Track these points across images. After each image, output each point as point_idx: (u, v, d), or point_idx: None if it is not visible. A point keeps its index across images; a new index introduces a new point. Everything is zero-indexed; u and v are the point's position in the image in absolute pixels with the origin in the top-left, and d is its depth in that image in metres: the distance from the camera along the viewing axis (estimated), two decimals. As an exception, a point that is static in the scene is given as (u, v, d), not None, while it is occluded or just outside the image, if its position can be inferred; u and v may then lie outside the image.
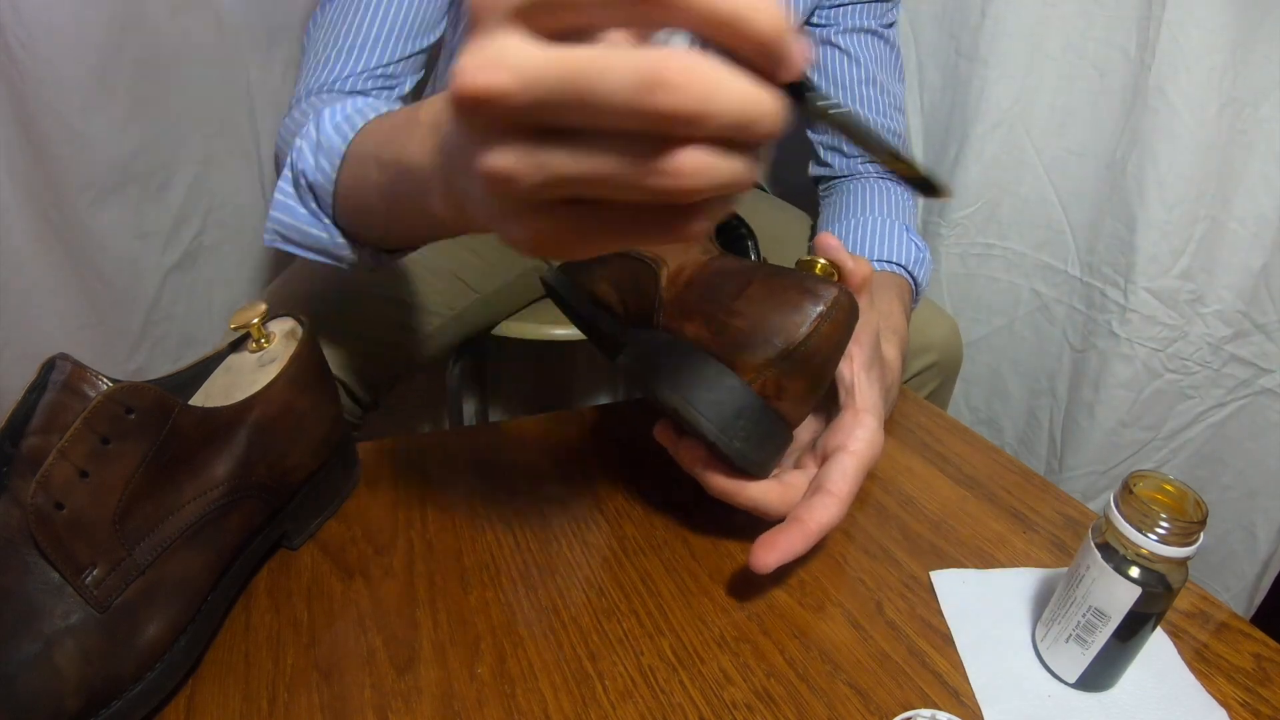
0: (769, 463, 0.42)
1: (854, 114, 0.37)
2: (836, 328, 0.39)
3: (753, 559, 0.39)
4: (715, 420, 0.39)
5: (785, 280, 0.40)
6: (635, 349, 0.44)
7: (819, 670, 0.38)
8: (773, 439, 0.41)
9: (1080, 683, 0.37)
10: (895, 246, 0.66)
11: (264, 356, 0.44)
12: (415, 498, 0.49)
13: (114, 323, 0.80)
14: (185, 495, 0.36)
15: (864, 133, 0.24)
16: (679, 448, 0.43)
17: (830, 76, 0.75)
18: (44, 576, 0.32)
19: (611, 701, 0.36)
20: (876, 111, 0.74)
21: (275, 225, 0.45)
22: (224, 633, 0.39)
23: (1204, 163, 0.76)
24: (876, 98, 0.74)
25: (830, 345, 0.40)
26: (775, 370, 0.39)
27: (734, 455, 0.39)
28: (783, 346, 0.39)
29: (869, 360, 0.44)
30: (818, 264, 0.42)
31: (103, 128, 0.73)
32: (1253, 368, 0.82)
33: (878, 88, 0.74)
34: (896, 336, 0.54)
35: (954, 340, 0.72)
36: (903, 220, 0.69)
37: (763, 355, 0.39)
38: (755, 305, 0.40)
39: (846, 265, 0.42)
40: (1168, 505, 0.34)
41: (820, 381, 0.41)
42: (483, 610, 0.41)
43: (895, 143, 0.75)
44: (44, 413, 0.33)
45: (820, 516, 0.40)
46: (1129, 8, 0.77)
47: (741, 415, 0.39)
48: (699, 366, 0.40)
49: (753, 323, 0.39)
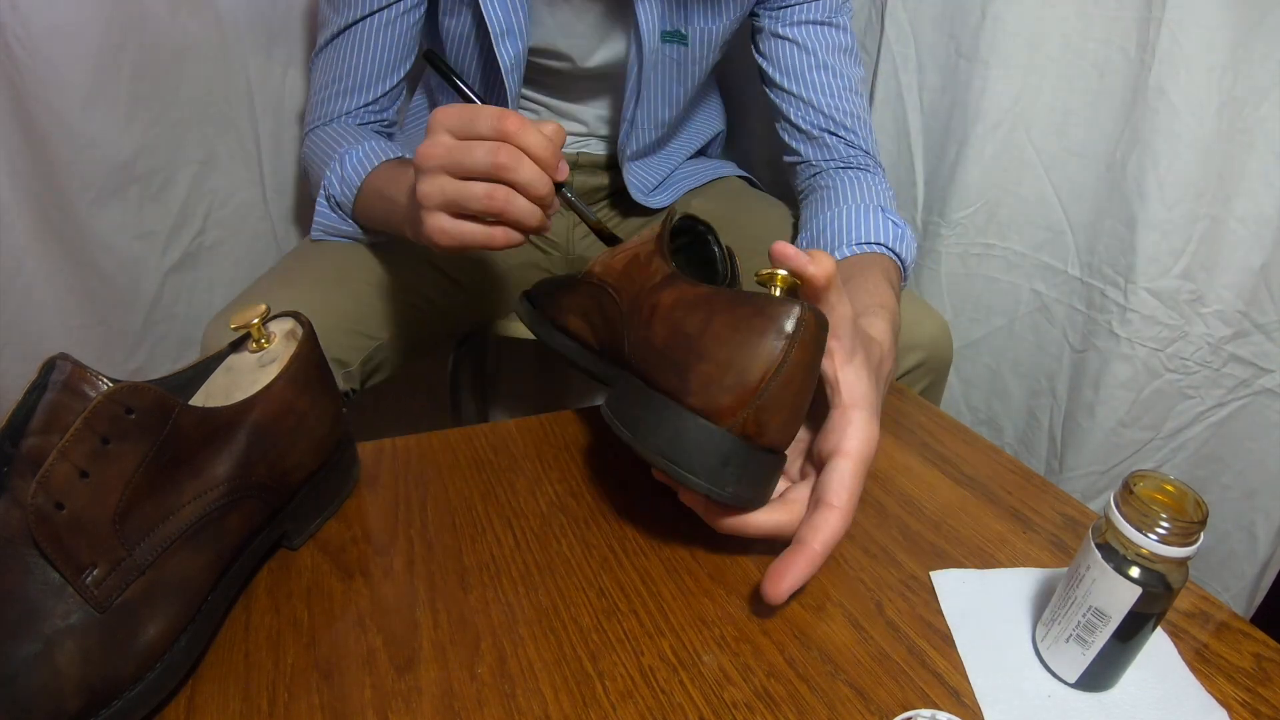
0: (766, 493, 0.41)
1: (574, 199, 0.52)
2: (806, 349, 0.38)
3: (765, 590, 0.39)
4: (703, 475, 0.38)
5: (746, 309, 0.39)
6: (614, 402, 0.44)
7: (819, 670, 0.38)
8: (764, 473, 0.40)
9: (1080, 683, 0.37)
10: (872, 228, 0.66)
11: (264, 356, 0.44)
12: (415, 498, 0.49)
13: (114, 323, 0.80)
14: (185, 495, 0.36)
15: (579, 210, 0.53)
16: (681, 490, 0.44)
17: (781, 66, 0.76)
18: (44, 576, 0.32)
19: (612, 702, 0.36)
20: (829, 94, 0.75)
21: (319, 225, 0.70)
22: (224, 633, 0.39)
23: (1204, 162, 0.76)
24: (828, 81, 0.75)
25: (804, 368, 0.39)
26: (753, 409, 0.38)
27: (730, 500, 0.39)
28: (755, 384, 0.37)
29: (849, 351, 0.42)
30: (778, 275, 0.40)
31: (103, 128, 0.73)
32: (1253, 368, 0.81)
33: (829, 72, 0.75)
34: (885, 311, 0.53)
35: (943, 338, 0.72)
36: (878, 203, 0.69)
37: (736, 397, 0.38)
38: (721, 344, 0.38)
39: (806, 270, 0.40)
40: (1168, 505, 0.34)
41: (800, 405, 0.40)
42: (483, 610, 0.41)
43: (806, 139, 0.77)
44: (44, 413, 0.33)
45: (824, 535, 0.39)
46: (1129, 8, 0.77)
47: (729, 462, 0.38)
48: (676, 422, 0.39)
49: (720, 364, 0.38)
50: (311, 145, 0.72)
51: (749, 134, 1.06)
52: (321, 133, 0.72)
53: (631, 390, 0.43)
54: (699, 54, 0.75)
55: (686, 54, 0.74)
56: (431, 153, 0.46)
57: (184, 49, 0.77)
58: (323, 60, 0.72)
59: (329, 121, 0.73)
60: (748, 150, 1.07)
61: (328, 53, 0.72)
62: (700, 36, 0.74)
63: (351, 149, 0.66)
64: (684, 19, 0.72)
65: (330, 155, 0.67)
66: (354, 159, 0.65)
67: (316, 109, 0.73)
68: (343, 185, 0.66)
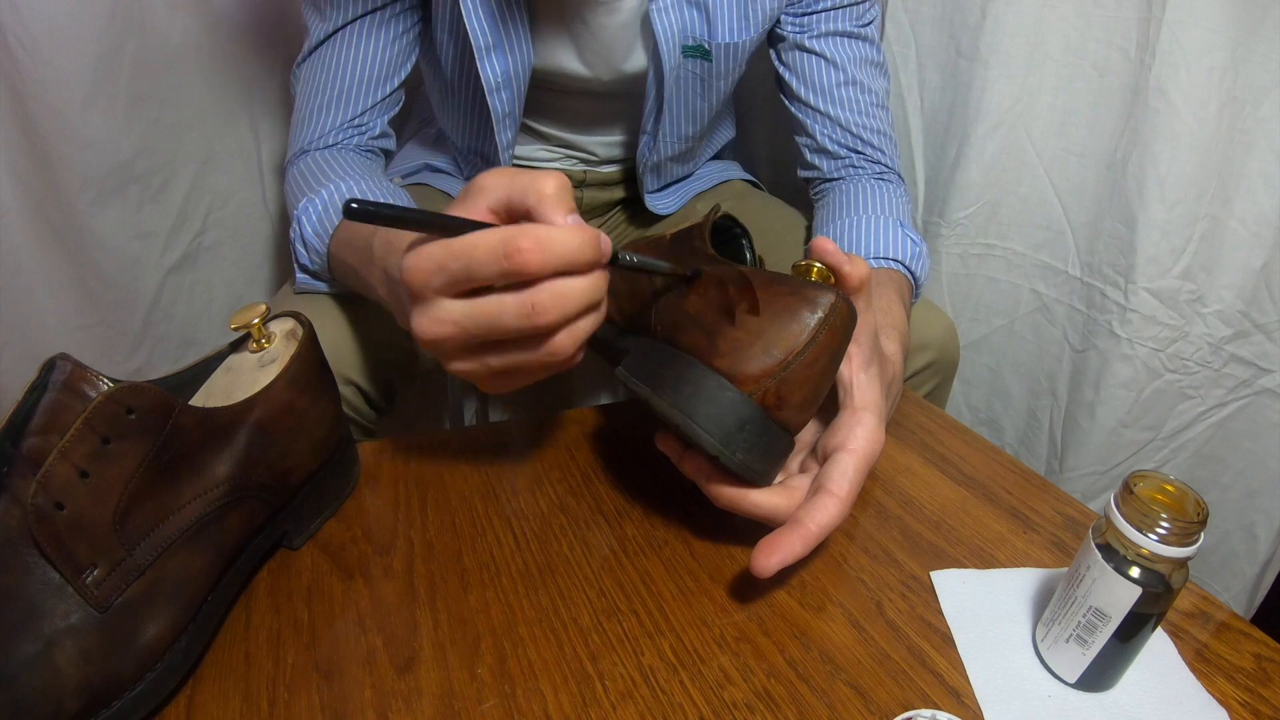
0: (772, 471, 0.42)
1: (635, 261, 0.40)
2: (835, 335, 0.39)
3: (754, 563, 0.39)
4: (717, 434, 0.38)
5: (782, 288, 0.40)
6: (634, 360, 0.44)
7: (819, 670, 0.38)
8: (775, 448, 0.41)
9: (1080, 683, 0.37)
10: (891, 243, 0.66)
11: (264, 356, 0.44)
12: (415, 498, 0.49)
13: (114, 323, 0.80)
14: (185, 495, 0.36)
15: (650, 266, 0.41)
16: (683, 459, 0.44)
17: (807, 80, 0.73)
18: (44, 576, 0.32)
19: (612, 702, 0.36)
20: (857, 111, 0.73)
21: (301, 287, 0.62)
22: (224, 633, 0.39)
23: (1204, 162, 0.76)
24: (857, 98, 0.73)
25: (830, 353, 0.40)
26: (775, 380, 0.39)
27: (737, 467, 0.39)
28: (782, 357, 0.38)
29: (867, 359, 0.44)
30: (814, 268, 0.42)
31: (103, 128, 0.73)
32: (1253, 368, 0.82)
33: (858, 88, 0.73)
34: (896, 332, 0.54)
35: (951, 339, 0.72)
36: (896, 216, 0.68)
37: (762, 366, 0.39)
38: (754, 315, 0.39)
39: (843, 268, 0.42)
40: (1168, 505, 0.34)
41: (821, 388, 0.41)
42: (483, 610, 0.41)
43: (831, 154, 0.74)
44: (44, 413, 0.33)
45: (820, 518, 0.40)
46: (1129, 8, 0.77)
47: (743, 428, 0.39)
48: (698, 380, 0.39)
49: (751, 333, 0.39)
50: (289, 182, 0.64)
51: (752, 136, 1.06)
52: (298, 165, 0.64)
53: (653, 350, 0.43)
54: (723, 69, 0.71)
55: (710, 69, 0.70)
56: (442, 335, 0.35)
57: (184, 49, 0.77)
58: (305, 70, 0.66)
59: (309, 148, 0.65)
60: (751, 153, 1.07)
61: (311, 62, 0.65)
62: (724, 53, 0.69)
63: (311, 200, 0.57)
64: (707, 32, 0.67)
65: (297, 203, 0.59)
66: (312, 220, 0.57)
67: (299, 131, 0.66)
68: (310, 254, 0.58)
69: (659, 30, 0.65)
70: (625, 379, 0.43)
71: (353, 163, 0.62)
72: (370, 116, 0.66)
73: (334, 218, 0.56)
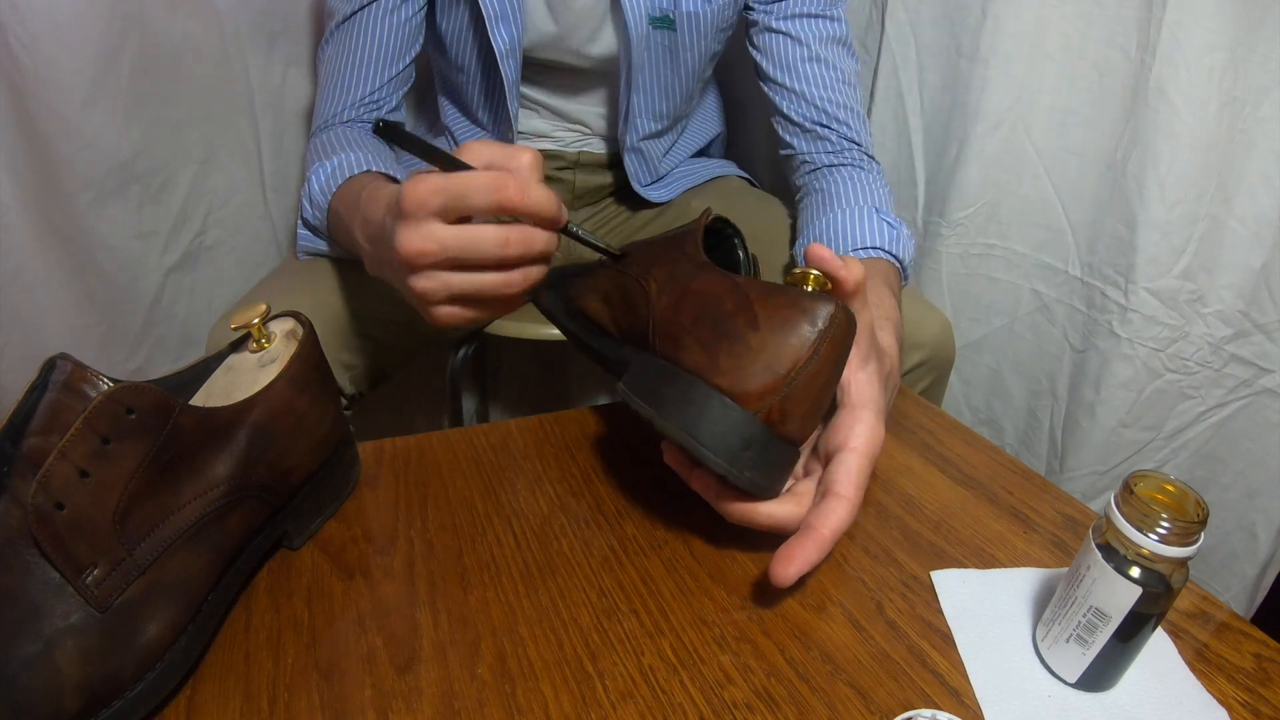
0: (780, 484, 0.42)
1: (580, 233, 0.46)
2: (836, 346, 0.39)
3: (772, 573, 0.39)
4: (723, 455, 0.38)
5: (780, 299, 0.40)
6: (634, 378, 0.44)
7: (819, 670, 0.38)
8: (781, 462, 0.41)
9: (1081, 683, 0.37)
10: (869, 232, 0.66)
11: (264, 356, 0.44)
12: (415, 498, 0.49)
13: (114, 323, 0.80)
14: (185, 495, 0.36)
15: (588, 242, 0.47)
16: (691, 476, 0.44)
17: (774, 59, 0.76)
18: (44, 576, 0.32)
19: (612, 701, 0.36)
20: (822, 85, 0.75)
21: (300, 246, 0.69)
22: (224, 633, 0.39)
23: (1204, 162, 0.76)
24: (822, 74, 0.75)
25: (832, 364, 0.39)
26: (779, 397, 0.38)
27: (745, 485, 0.39)
28: (785, 373, 0.38)
29: (865, 356, 0.44)
30: (810, 276, 0.42)
31: (103, 128, 0.73)
32: (1253, 368, 0.81)
33: (823, 64, 0.75)
34: (890, 323, 0.54)
35: (945, 337, 0.72)
36: (872, 204, 0.69)
37: (765, 383, 0.38)
38: (753, 330, 0.39)
39: (839, 274, 0.42)
40: (1168, 505, 0.34)
41: (824, 399, 0.41)
42: (483, 610, 0.41)
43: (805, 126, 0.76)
44: (44, 413, 0.33)
45: (832, 522, 0.40)
46: (1129, 8, 0.77)
47: (749, 446, 0.39)
48: (702, 400, 0.39)
49: (752, 349, 0.39)
50: (308, 155, 0.71)
51: (748, 135, 1.07)
52: (318, 139, 0.70)
53: (652, 368, 0.43)
54: (688, 40, 0.75)
55: (676, 40, 0.75)
56: (425, 250, 0.41)
57: (184, 49, 0.77)
58: (329, 51, 0.72)
59: (330, 124, 0.72)
60: (747, 151, 1.07)
61: (334, 42, 0.72)
62: (688, 22, 0.74)
63: (323, 164, 0.63)
64: (672, 3, 0.72)
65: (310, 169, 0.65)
66: (320, 178, 0.63)
67: (321, 107, 0.73)
68: (314, 208, 0.64)
69: (626, 2, 0.70)
70: (627, 398, 0.43)
71: (365, 137, 0.70)
72: (386, 91, 0.73)
73: (339, 178, 0.61)
